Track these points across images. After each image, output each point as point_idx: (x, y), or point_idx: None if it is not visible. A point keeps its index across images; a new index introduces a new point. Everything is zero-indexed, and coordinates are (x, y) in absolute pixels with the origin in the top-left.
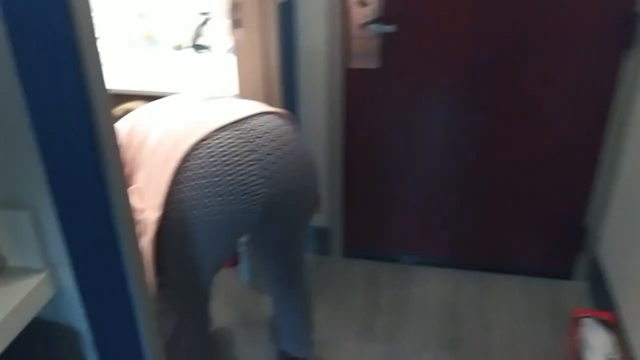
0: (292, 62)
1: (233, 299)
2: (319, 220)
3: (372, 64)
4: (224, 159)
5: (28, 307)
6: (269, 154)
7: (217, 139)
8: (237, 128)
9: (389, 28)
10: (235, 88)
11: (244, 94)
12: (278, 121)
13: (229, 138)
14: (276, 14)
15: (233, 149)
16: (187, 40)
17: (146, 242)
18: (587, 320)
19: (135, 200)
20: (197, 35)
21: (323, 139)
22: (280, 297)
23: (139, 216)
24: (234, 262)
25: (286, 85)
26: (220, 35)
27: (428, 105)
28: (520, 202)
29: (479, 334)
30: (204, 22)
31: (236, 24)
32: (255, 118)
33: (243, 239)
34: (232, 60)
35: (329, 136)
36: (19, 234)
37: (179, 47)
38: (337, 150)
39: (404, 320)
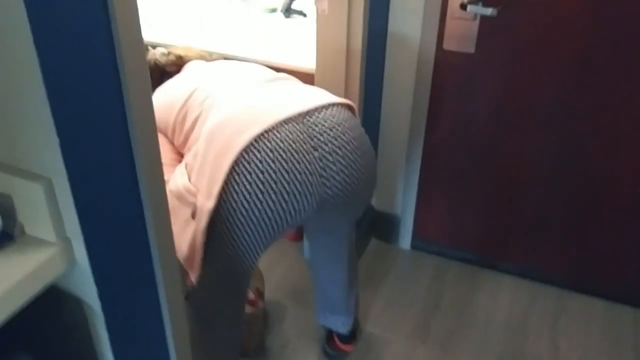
0: (380, 38)
1: (291, 274)
2: (389, 206)
3: (468, 48)
4: (285, 155)
5: (37, 278)
6: (330, 153)
7: (280, 132)
8: (300, 122)
9: (489, 11)
10: (312, 61)
11: (320, 68)
12: (343, 115)
13: (291, 133)
14: None
15: (295, 145)
16: (282, 4)
17: (199, 229)
18: None
19: (177, 174)
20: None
21: (405, 123)
22: (324, 270)
23: (184, 194)
24: (298, 236)
25: (369, 63)
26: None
27: (523, 101)
28: (617, 218)
29: (546, 357)
30: None
31: None
32: (320, 111)
33: None
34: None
35: (411, 121)
36: (33, 205)
37: (273, 10)
38: (419, 137)
39: (464, 327)
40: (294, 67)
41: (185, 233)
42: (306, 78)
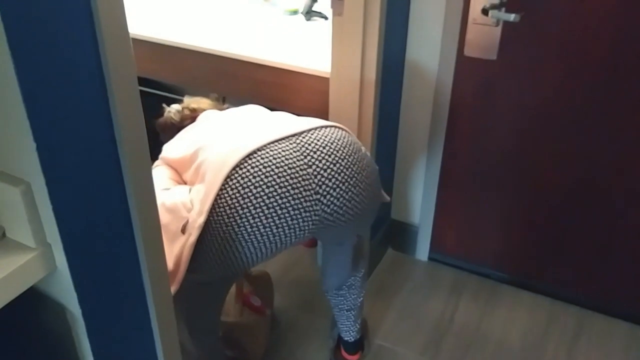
0: (399, 45)
1: (303, 282)
2: (407, 216)
3: (489, 55)
4: (277, 170)
5: (14, 283)
6: (325, 169)
7: (273, 149)
8: (293, 141)
9: (512, 16)
10: (328, 65)
11: (335, 71)
12: (337, 134)
13: (284, 150)
14: None
15: (288, 161)
16: (303, 5)
17: (187, 244)
18: None
19: (177, 191)
20: (313, 0)
21: (424, 131)
22: (329, 273)
23: (179, 208)
24: (313, 242)
25: (387, 70)
26: None
27: (548, 110)
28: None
29: None
30: None
31: None
32: (312, 132)
33: None
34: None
35: (431, 129)
36: (13, 208)
37: (294, 12)
38: (438, 146)
39: (477, 345)
40: (311, 70)
41: (172, 247)
42: (322, 82)
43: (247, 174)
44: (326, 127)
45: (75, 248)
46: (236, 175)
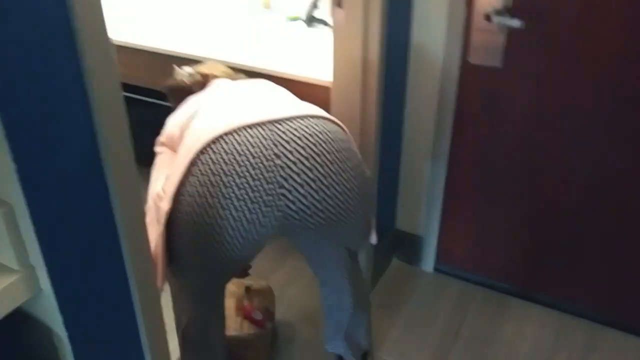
0: (399, 53)
1: (306, 294)
2: (412, 226)
3: (494, 62)
4: (239, 157)
5: None
6: (295, 163)
7: (240, 135)
8: (268, 128)
9: (515, 22)
10: (329, 73)
11: (338, 81)
12: (323, 127)
13: (252, 137)
14: None
15: (253, 149)
16: (303, 12)
17: (158, 233)
18: None
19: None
20: (314, 7)
21: (428, 140)
22: (327, 297)
23: (156, 200)
24: None
25: (390, 76)
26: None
27: (555, 117)
28: None
29: None
30: None
31: (337, 1)
32: (294, 120)
33: None
34: (331, 42)
35: (435, 138)
36: None
37: (294, 19)
38: (443, 155)
39: (483, 358)
40: (312, 79)
41: (152, 236)
42: (324, 91)
43: (209, 160)
44: (314, 117)
45: (59, 270)
46: (198, 161)
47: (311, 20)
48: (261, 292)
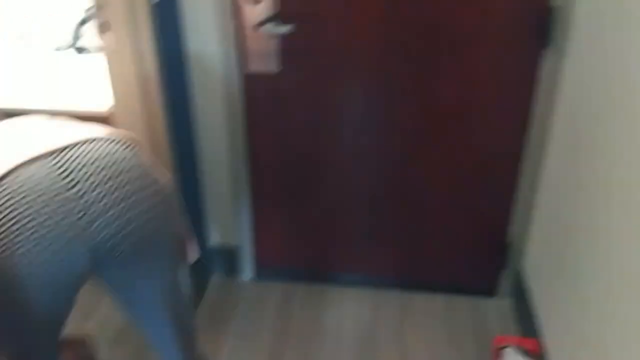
0: (178, 68)
1: (126, 332)
2: (226, 237)
3: (271, 67)
4: (27, 199)
5: None
6: (94, 189)
7: (22, 174)
8: (51, 159)
9: (285, 28)
10: (109, 98)
11: (119, 105)
12: (109, 148)
13: (37, 172)
14: (150, 16)
15: (42, 185)
16: (67, 41)
17: None
18: (509, 351)
19: None
20: (77, 35)
21: (224, 151)
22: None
23: None
24: None
25: (172, 94)
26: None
27: (333, 113)
28: (440, 216)
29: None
30: (83, 22)
31: (103, 27)
32: (77, 147)
33: None
34: (105, 67)
35: (229, 147)
36: None
37: (60, 48)
38: (241, 162)
39: (316, 349)
40: (89, 111)
41: None
42: (104, 122)
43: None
44: (97, 139)
45: None
46: None
47: (78, 49)
48: (75, 344)
